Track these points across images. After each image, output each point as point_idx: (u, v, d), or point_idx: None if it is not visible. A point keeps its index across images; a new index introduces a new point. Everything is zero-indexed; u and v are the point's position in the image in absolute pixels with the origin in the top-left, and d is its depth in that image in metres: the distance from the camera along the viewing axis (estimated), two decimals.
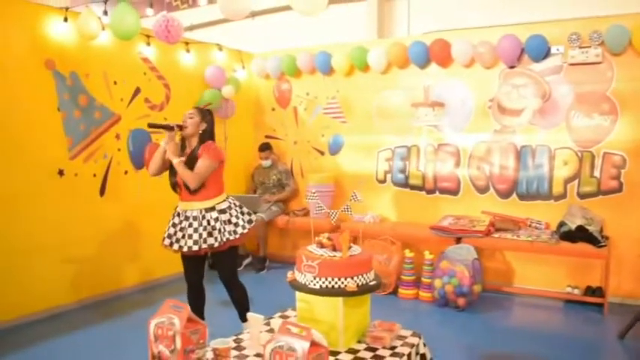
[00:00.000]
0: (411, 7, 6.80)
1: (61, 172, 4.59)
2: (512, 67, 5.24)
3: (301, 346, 1.68)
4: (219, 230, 3.47)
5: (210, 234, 3.46)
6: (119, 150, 5.12)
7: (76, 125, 4.71)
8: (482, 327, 4.40)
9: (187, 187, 3.46)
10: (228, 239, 3.48)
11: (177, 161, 3.42)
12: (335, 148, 6.31)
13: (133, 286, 5.29)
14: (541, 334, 4.26)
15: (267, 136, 6.71)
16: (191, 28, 7.22)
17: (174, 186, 3.58)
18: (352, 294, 2.25)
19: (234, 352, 2.22)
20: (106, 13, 6.07)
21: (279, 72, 6.50)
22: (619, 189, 4.91)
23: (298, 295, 2.35)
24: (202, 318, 3.69)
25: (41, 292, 4.47)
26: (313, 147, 6.43)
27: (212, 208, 3.51)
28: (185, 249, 3.49)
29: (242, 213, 3.63)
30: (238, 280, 3.74)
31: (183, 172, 3.41)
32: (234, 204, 3.65)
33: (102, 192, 4.96)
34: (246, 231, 3.59)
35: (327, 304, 2.27)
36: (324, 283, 2.25)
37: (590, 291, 4.87)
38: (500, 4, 6.08)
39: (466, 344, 4.00)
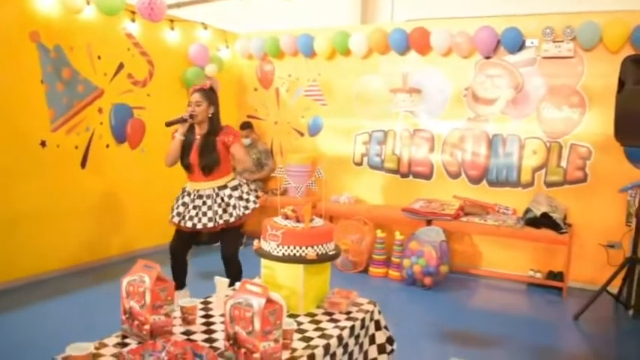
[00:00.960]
0: None
1: (43, 144, 4.68)
2: (487, 57, 5.40)
3: (258, 302, 1.84)
4: (234, 206, 3.68)
5: (225, 210, 3.66)
6: (101, 124, 5.21)
7: (59, 98, 4.78)
8: (448, 306, 4.61)
9: (202, 169, 3.63)
10: (243, 214, 3.69)
11: (179, 138, 3.67)
12: (314, 130, 6.45)
13: (113, 257, 5.41)
14: (503, 314, 4.49)
15: (248, 116, 6.82)
16: (177, 5, 7.26)
17: (188, 167, 3.71)
18: (312, 262, 2.41)
19: (200, 312, 2.38)
20: None
21: (263, 53, 6.59)
22: (584, 179, 5.12)
23: (263, 261, 2.51)
24: (184, 286, 3.93)
25: (24, 260, 4.59)
26: (293, 128, 6.56)
27: (224, 186, 3.70)
28: (200, 226, 3.65)
29: (250, 190, 3.85)
30: (238, 258, 3.88)
31: (242, 155, 3.69)
32: (243, 181, 3.86)
33: (83, 164, 5.06)
34: (257, 206, 3.80)
35: (289, 271, 2.43)
36: (286, 250, 2.40)
37: (552, 275, 5.10)
38: None
39: (431, 321, 4.19)
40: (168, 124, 3.66)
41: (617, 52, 4.79)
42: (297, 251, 2.40)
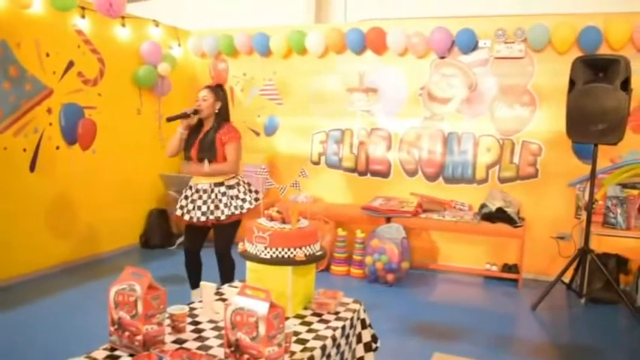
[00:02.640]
0: None
1: None
2: (442, 57, 5.54)
3: (261, 306, 1.81)
4: (226, 204, 3.71)
5: (217, 207, 3.71)
6: (51, 124, 4.97)
7: (5, 97, 4.53)
8: (410, 300, 4.70)
9: (200, 162, 3.72)
10: (233, 213, 3.71)
11: (207, 167, 3.71)
12: (271, 129, 6.41)
13: (64, 263, 5.17)
14: (463, 306, 4.62)
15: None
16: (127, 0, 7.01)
17: (189, 160, 3.83)
18: (300, 263, 2.39)
19: (188, 319, 2.31)
20: None
21: (216, 51, 6.49)
22: (535, 175, 5.35)
23: (249, 264, 2.47)
24: (198, 286, 3.82)
25: None
26: (249, 127, 6.49)
27: (221, 184, 3.76)
28: (194, 219, 3.74)
29: (249, 191, 3.86)
30: (230, 254, 3.89)
31: (221, 170, 3.72)
32: (243, 182, 3.87)
33: (32, 168, 4.81)
34: (252, 207, 3.79)
35: (277, 273, 2.40)
36: (274, 253, 2.38)
37: (507, 268, 5.29)
38: None
39: (395, 316, 4.27)
40: (170, 120, 3.84)
41: (565, 53, 5.03)
42: (286, 253, 2.38)
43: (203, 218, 3.73)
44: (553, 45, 5.09)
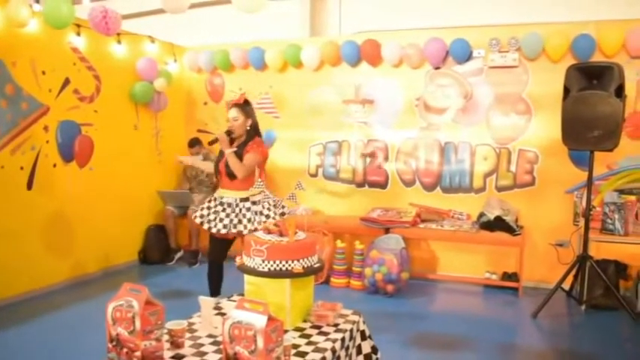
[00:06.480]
0: (342, 7, 7.01)
1: None
2: (437, 68, 5.57)
3: (259, 320, 1.81)
4: (249, 219, 3.75)
5: (240, 221, 3.76)
6: (47, 142, 4.97)
7: (2, 115, 4.53)
8: (410, 311, 4.68)
9: (228, 176, 3.78)
10: (256, 229, 3.67)
11: (229, 151, 3.75)
12: (268, 143, 6.40)
13: (62, 282, 5.15)
14: (463, 315, 4.60)
15: (199, 130, 6.70)
16: (122, 17, 7.05)
17: (217, 173, 3.94)
18: (299, 275, 2.39)
19: (187, 335, 2.31)
20: (37, 0, 5.87)
21: (212, 66, 6.52)
22: (532, 182, 5.35)
23: (247, 278, 2.47)
24: (219, 294, 4.01)
25: None
26: None
27: (246, 199, 3.82)
28: (214, 230, 3.80)
29: (275, 206, 3.87)
30: None
31: (234, 163, 3.72)
32: (270, 196, 3.91)
33: (29, 185, 4.80)
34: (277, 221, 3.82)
35: (275, 286, 2.40)
36: (272, 265, 2.38)
37: (507, 276, 5.28)
38: (427, 8, 6.41)
39: (395, 327, 4.24)
40: (210, 143, 4.00)
41: (558, 61, 5.06)
42: (284, 265, 2.38)
43: (224, 231, 3.77)
44: (547, 53, 5.12)
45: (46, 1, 4.35)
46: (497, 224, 5.09)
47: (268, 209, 3.83)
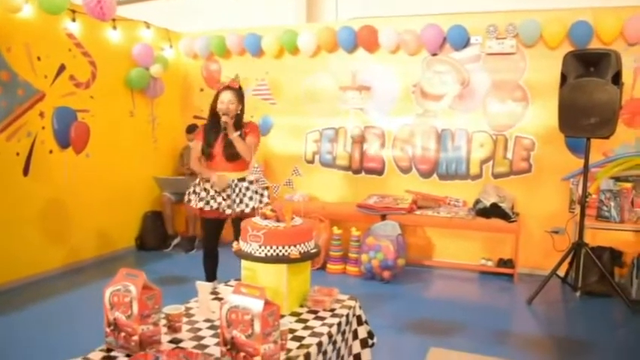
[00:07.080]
0: None
1: None
2: (434, 54, 5.55)
3: (256, 304, 1.81)
4: (250, 197, 3.93)
5: (241, 200, 3.91)
6: (43, 128, 4.95)
7: None
8: (406, 297, 4.72)
9: (227, 158, 3.89)
10: (257, 207, 3.76)
11: (236, 135, 3.85)
12: (264, 129, 6.39)
13: (58, 268, 5.15)
14: (458, 301, 4.64)
15: (195, 117, 6.67)
16: (118, 3, 6.99)
17: (210, 156, 3.97)
18: (295, 261, 2.40)
19: (184, 319, 2.31)
20: None
21: (208, 52, 6.48)
22: (529, 169, 5.37)
23: (244, 263, 2.47)
24: (215, 278, 4.11)
25: None
26: None
27: (243, 179, 3.98)
28: (220, 210, 3.90)
29: (262, 187, 4.02)
30: None
31: (242, 146, 3.86)
32: (261, 177, 3.97)
33: (25, 172, 4.79)
34: (268, 201, 3.99)
35: (272, 271, 2.40)
36: (269, 251, 2.38)
37: (502, 262, 5.31)
38: None
39: (391, 312, 4.28)
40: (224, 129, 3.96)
41: (556, 48, 5.05)
42: (280, 251, 2.38)
43: (229, 211, 3.88)
44: (544, 40, 5.11)
45: None
46: (493, 211, 5.10)
47: (262, 189, 4.00)
